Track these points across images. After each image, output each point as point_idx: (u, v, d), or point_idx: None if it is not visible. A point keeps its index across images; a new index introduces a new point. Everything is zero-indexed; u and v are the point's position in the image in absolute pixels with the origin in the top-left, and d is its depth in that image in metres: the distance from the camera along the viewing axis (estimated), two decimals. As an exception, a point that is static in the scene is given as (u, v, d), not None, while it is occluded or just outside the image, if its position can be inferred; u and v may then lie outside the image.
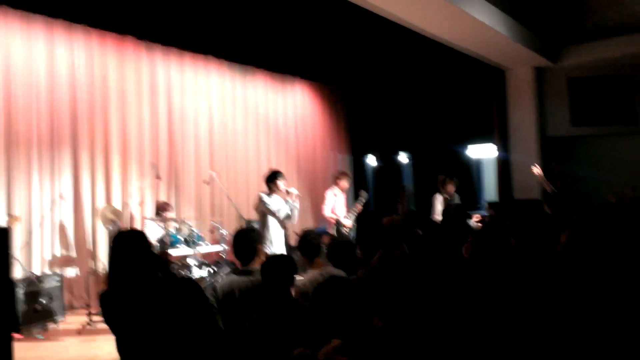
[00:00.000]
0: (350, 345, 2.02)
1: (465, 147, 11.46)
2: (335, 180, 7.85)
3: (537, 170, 7.61)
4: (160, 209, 7.32)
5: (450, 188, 8.31)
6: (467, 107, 10.84)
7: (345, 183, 7.80)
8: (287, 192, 6.25)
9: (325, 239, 4.12)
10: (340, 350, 2.01)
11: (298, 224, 10.53)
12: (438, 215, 8.31)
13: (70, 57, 7.51)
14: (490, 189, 11.45)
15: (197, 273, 6.69)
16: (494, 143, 10.49)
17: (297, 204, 6.21)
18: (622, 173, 9.30)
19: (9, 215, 6.57)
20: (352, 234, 7.80)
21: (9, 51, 6.90)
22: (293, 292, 3.33)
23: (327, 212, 7.74)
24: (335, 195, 7.77)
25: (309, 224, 10.83)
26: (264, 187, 6.36)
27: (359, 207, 7.74)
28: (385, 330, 2.08)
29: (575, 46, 9.55)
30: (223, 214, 9.25)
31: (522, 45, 8.61)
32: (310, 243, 3.78)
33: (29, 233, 6.94)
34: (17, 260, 6.51)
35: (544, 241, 2.94)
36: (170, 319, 2.77)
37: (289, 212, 6.19)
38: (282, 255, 3.36)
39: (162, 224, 7.19)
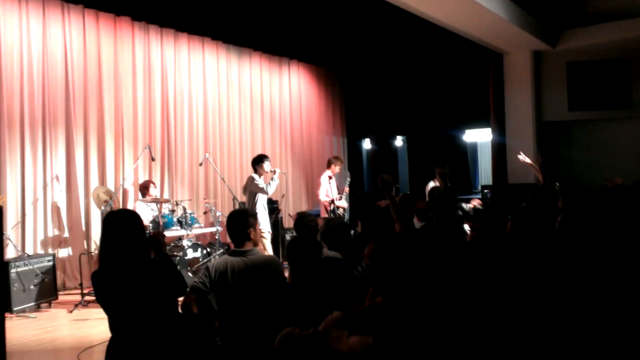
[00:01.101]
0: (351, 318, 2.00)
1: (462, 131, 11.43)
2: (329, 165, 8.05)
3: (523, 157, 7.38)
4: (144, 188, 7.37)
5: (437, 179, 8.35)
6: (464, 91, 10.79)
7: (338, 167, 7.99)
8: (272, 171, 6.92)
9: (320, 221, 4.11)
10: (342, 322, 2.00)
11: (292, 207, 10.58)
12: None
13: (65, 37, 7.40)
14: (485, 173, 11.46)
15: (191, 254, 6.69)
16: (490, 127, 10.46)
17: (277, 180, 6.91)
18: (617, 157, 9.32)
19: None
20: (347, 215, 7.90)
21: (4, 30, 6.78)
22: (287, 274, 3.32)
23: (322, 195, 7.89)
24: (330, 178, 7.86)
25: (304, 206, 10.83)
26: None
27: (346, 188, 7.90)
28: (387, 306, 2.06)
29: (574, 30, 9.48)
30: (217, 195, 9.23)
31: (521, 29, 8.53)
32: (307, 225, 3.77)
33: (22, 213, 6.89)
34: (10, 240, 6.49)
35: (540, 224, 2.93)
36: (161, 298, 2.75)
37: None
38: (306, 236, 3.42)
39: (155, 205, 7.18)
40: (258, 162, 6.96)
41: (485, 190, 8.50)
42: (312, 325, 2.06)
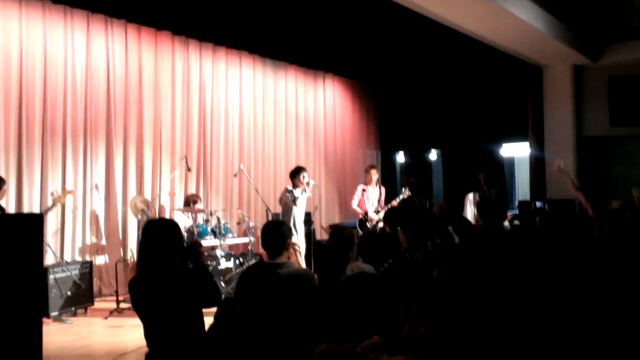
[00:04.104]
0: (390, 344, 1.97)
1: (499, 146, 11.23)
2: (364, 174, 8.03)
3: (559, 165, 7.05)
4: (190, 201, 7.41)
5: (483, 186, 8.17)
6: (501, 104, 10.62)
7: (370, 176, 7.78)
8: (306, 183, 6.88)
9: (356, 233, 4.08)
10: (380, 347, 1.96)
11: (325, 219, 10.55)
12: (468, 215, 8.18)
13: (107, 50, 7.59)
14: (522, 188, 11.23)
15: (224, 264, 6.71)
16: (528, 142, 10.26)
17: (309, 192, 6.95)
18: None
19: (63, 189, 6.66)
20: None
21: (49, 43, 6.99)
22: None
23: (354, 204, 7.85)
24: (363, 189, 7.73)
25: (337, 218, 10.79)
26: (290, 182, 7.08)
27: (394, 203, 7.63)
28: (434, 335, 2.02)
29: (617, 45, 9.26)
30: (250, 206, 9.28)
31: (562, 43, 8.38)
32: (343, 237, 3.73)
33: (62, 220, 7.04)
34: (49, 246, 6.63)
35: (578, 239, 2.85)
36: (198, 307, 2.75)
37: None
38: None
39: (190, 215, 7.25)
40: (295, 174, 6.97)
41: (539, 203, 8.19)
42: (349, 341, 2.02)
